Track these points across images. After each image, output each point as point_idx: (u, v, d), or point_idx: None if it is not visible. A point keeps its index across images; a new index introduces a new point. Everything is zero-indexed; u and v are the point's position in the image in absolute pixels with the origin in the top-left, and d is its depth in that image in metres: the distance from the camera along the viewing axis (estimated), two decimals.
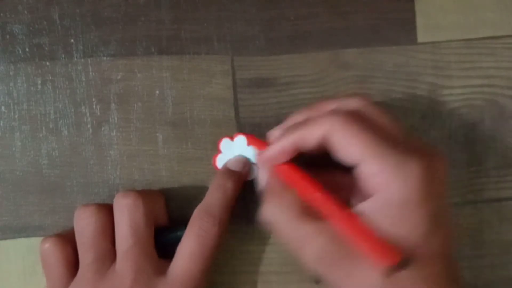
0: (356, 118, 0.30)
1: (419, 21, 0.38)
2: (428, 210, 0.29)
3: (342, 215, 0.30)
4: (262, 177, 0.34)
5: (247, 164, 0.35)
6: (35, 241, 0.34)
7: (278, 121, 0.37)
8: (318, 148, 0.31)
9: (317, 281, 0.37)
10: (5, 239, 0.36)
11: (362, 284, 0.29)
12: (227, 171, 0.35)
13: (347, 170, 0.31)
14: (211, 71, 0.37)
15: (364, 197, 0.30)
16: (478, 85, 0.38)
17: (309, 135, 0.31)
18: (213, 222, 0.32)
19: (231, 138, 0.36)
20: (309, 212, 0.31)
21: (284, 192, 0.32)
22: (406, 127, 0.37)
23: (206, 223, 0.32)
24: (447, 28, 0.38)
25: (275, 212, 0.31)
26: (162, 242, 0.33)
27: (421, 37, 0.38)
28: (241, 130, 0.37)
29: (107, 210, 0.33)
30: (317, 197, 0.31)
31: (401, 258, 0.28)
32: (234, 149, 0.36)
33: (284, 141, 0.32)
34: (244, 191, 0.36)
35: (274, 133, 0.34)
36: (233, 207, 0.34)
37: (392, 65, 0.38)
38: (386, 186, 0.29)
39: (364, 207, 0.30)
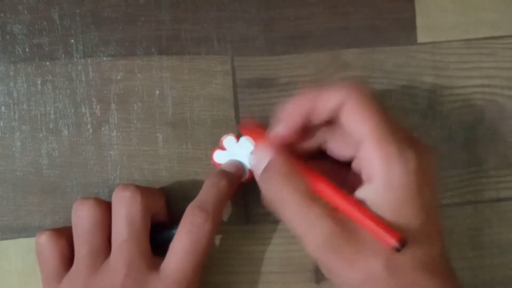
0: (370, 94, 0.31)
1: (419, 21, 0.38)
2: (425, 199, 0.30)
3: (345, 198, 0.30)
4: (260, 160, 0.33)
5: (241, 168, 0.35)
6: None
7: None
8: (326, 121, 0.31)
9: (317, 281, 0.37)
10: (5, 239, 0.36)
11: (364, 272, 0.30)
12: (222, 171, 0.35)
13: (341, 166, 0.33)
14: (211, 71, 0.37)
15: (360, 185, 0.31)
16: (478, 85, 0.38)
17: (323, 103, 0.31)
18: (205, 218, 0.32)
19: (236, 137, 0.36)
20: (315, 196, 0.31)
21: (292, 173, 0.31)
22: (406, 127, 0.37)
23: (199, 218, 0.32)
24: (447, 28, 0.38)
25: (283, 191, 0.31)
26: (157, 240, 0.33)
27: (421, 37, 0.38)
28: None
29: (106, 205, 0.33)
30: (321, 182, 0.31)
31: (400, 239, 0.28)
32: (237, 148, 0.36)
33: (293, 111, 0.32)
34: (244, 192, 0.36)
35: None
36: (225, 207, 0.34)
37: (392, 65, 0.38)
38: (387, 171, 0.29)
39: (364, 192, 0.30)
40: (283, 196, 0.31)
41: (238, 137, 0.37)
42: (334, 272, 0.31)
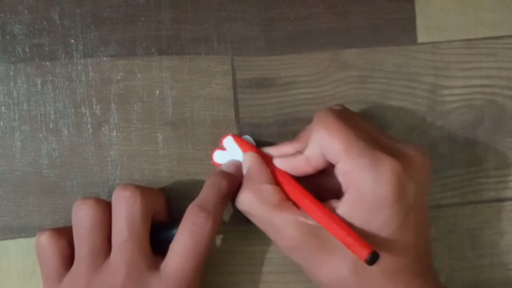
0: (338, 116, 0.32)
1: (419, 21, 0.38)
2: (399, 208, 0.30)
3: (318, 207, 0.31)
4: (244, 164, 0.35)
5: (241, 168, 0.35)
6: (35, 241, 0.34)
7: (278, 121, 0.37)
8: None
9: None
10: (5, 239, 0.36)
11: (332, 275, 0.31)
12: (222, 171, 0.35)
13: (325, 173, 0.33)
14: (211, 71, 0.37)
15: (340, 195, 0.32)
16: (478, 85, 0.38)
17: (314, 157, 0.32)
18: (206, 217, 0.32)
19: (237, 136, 0.36)
20: (285, 204, 0.32)
21: (262, 183, 0.33)
22: (406, 127, 0.37)
23: (200, 217, 0.32)
24: (447, 28, 0.38)
25: (252, 202, 0.33)
26: (157, 239, 0.33)
27: (421, 37, 0.38)
28: (241, 130, 0.37)
29: (106, 205, 0.33)
30: (297, 191, 0.32)
31: (370, 253, 0.29)
32: (237, 148, 0.36)
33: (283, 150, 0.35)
34: None
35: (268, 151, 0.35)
36: (225, 207, 0.35)
37: (392, 65, 0.38)
38: (358, 184, 0.31)
39: (337, 203, 0.31)
40: (252, 205, 0.33)
41: (237, 136, 0.37)
42: (306, 270, 0.33)
